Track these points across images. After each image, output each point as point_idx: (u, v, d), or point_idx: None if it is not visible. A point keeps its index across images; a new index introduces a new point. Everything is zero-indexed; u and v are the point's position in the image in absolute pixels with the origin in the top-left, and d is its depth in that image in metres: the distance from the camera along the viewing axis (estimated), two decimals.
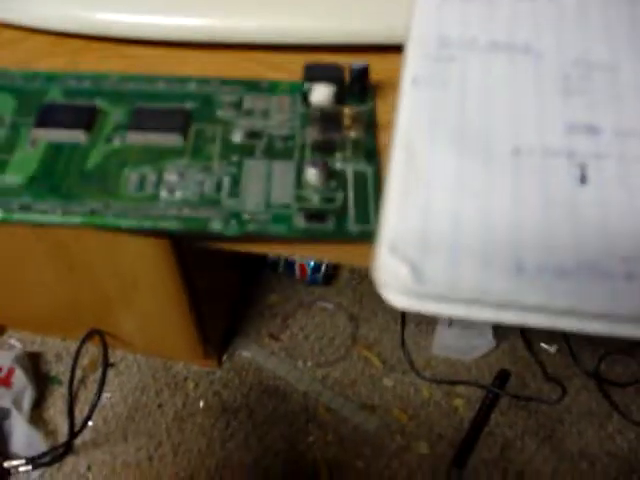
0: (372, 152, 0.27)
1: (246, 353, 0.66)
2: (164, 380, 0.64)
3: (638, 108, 0.25)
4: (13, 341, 0.66)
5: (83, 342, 0.60)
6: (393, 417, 0.63)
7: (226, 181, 0.26)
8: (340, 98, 0.28)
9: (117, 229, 0.25)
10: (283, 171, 0.26)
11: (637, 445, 0.62)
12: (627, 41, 0.27)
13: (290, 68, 0.29)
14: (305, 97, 0.28)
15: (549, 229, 0.23)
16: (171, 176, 0.26)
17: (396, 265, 0.22)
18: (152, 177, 0.26)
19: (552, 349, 0.68)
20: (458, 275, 0.22)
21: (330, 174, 0.26)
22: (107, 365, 0.60)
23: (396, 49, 0.27)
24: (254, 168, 0.26)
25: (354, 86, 0.28)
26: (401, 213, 0.23)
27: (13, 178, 0.26)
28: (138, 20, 0.31)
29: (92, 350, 0.64)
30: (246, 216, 0.25)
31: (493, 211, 0.23)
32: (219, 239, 0.26)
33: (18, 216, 0.25)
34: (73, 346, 0.63)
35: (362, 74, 0.28)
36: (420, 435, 0.62)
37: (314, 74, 0.28)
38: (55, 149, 0.27)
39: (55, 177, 0.26)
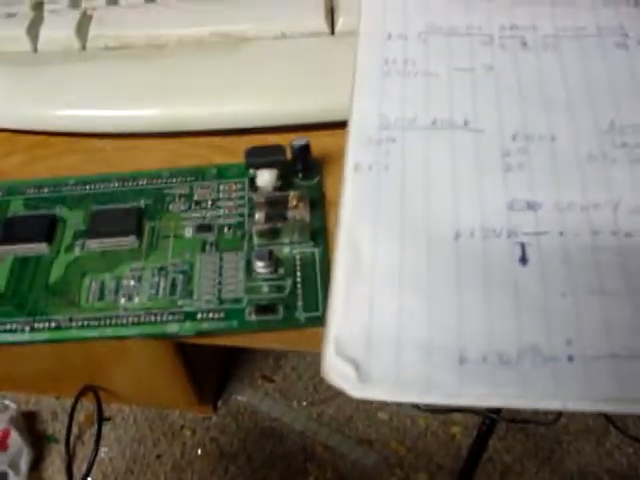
0: (319, 232, 0.27)
1: (241, 397, 0.67)
2: (161, 430, 0.65)
3: (575, 181, 0.26)
4: (7, 402, 0.66)
5: (77, 399, 0.60)
6: (391, 450, 0.63)
7: (180, 280, 0.27)
8: (285, 177, 0.29)
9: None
10: (233, 263, 0.27)
11: (636, 460, 0.63)
12: (564, 106, 0.28)
13: (237, 150, 0.30)
14: (252, 181, 0.29)
15: (491, 314, 0.23)
16: (128, 281, 0.27)
17: (342, 366, 0.22)
18: (111, 284, 0.27)
19: None
20: (402, 372, 0.22)
21: (277, 262, 0.26)
22: (102, 420, 0.61)
23: (342, 124, 0.28)
24: (205, 263, 0.27)
25: (297, 164, 0.29)
26: (345, 312, 0.23)
27: None
28: (89, 114, 0.31)
29: (87, 405, 0.65)
30: (199, 315, 0.26)
31: (435, 301, 0.23)
32: (176, 338, 0.27)
33: None
34: (68, 403, 0.64)
35: (304, 151, 0.29)
36: (419, 466, 0.63)
37: (256, 160, 0.28)
38: (20, 263, 0.28)
39: (21, 294, 0.27)
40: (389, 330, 0.23)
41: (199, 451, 0.63)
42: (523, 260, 0.24)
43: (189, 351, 0.53)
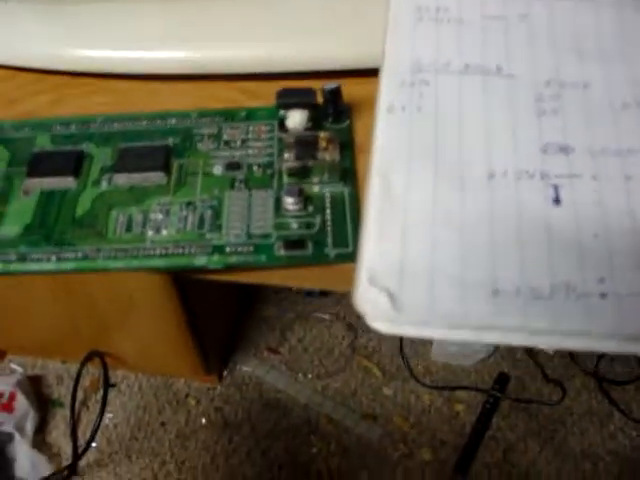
0: (349, 173, 0.27)
1: (246, 368, 0.67)
2: (165, 398, 0.65)
3: (608, 127, 0.26)
4: (14, 365, 0.66)
5: (83, 364, 0.60)
6: (395, 425, 0.63)
7: (208, 215, 0.27)
8: (316, 121, 0.29)
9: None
10: (262, 200, 0.27)
11: (639, 442, 0.63)
12: (597, 57, 0.28)
13: (268, 94, 0.29)
14: (282, 123, 0.29)
15: (524, 251, 0.23)
16: (156, 215, 0.27)
17: (375, 296, 0.22)
18: (139, 217, 0.27)
19: (550, 350, 0.68)
20: (435, 302, 0.22)
21: (307, 199, 0.26)
22: (108, 386, 0.61)
23: (372, 72, 0.28)
24: (234, 200, 0.27)
25: (328, 107, 0.29)
26: (378, 243, 0.23)
27: (10, 229, 0.27)
28: (118, 55, 0.31)
29: (93, 371, 0.65)
30: (228, 249, 0.26)
31: (468, 236, 0.23)
32: (204, 272, 0.26)
33: (15, 267, 0.26)
34: (74, 368, 0.64)
35: (335, 95, 0.28)
36: (423, 442, 0.63)
37: (287, 100, 0.28)
38: (47, 197, 0.28)
39: (48, 225, 0.27)
40: (422, 262, 0.22)
41: (203, 420, 0.63)
42: (556, 201, 0.24)
43: (197, 319, 0.53)
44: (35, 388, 0.64)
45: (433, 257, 0.23)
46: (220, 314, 0.66)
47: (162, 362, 0.62)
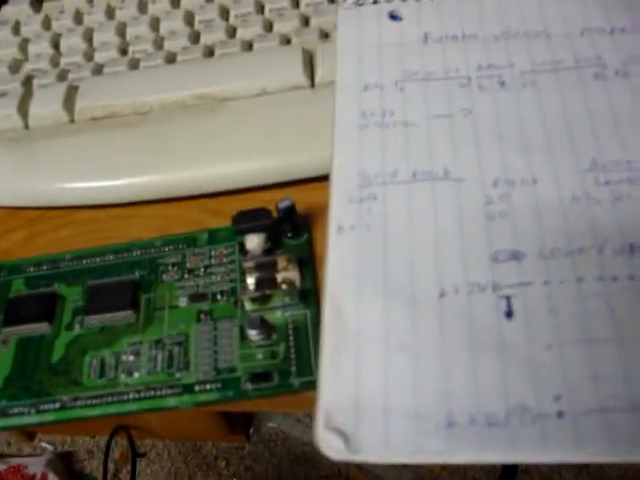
0: (309, 294, 0.28)
1: (271, 424, 0.67)
2: (195, 462, 0.66)
3: (559, 225, 0.25)
4: (44, 444, 0.68)
5: (111, 438, 0.62)
6: (426, 469, 0.63)
7: (176, 352, 0.27)
8: (274, 238, 0.29)
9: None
10: (227, 332, 0.27)
11: None
12: (543, 148, 0.28)
13: (230, 210, 0.30)
14: (242, 245, 0.29)
15: (477, 373, 0.23)
16: (127, 357, 0.28)
17: (331, 439, 0.22)
18: (111, 360, 0.28)
19: None
20: (391, 440, 0.22)
21: (270, 328, 0.27)
22: (136, 456, 0.62)
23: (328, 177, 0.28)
24: (201, 334, 0.28)
25: (284, 224, 0.29)
26: (333, 382, 0.23)
27: None
28: (82, 187, 0.32)
29: (122, 442, 0.66)
30: (197, 388, 0.26)
31: (422, 362, 0.23)
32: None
33: None
34: (103, 441, 0.65)
35: (289, 212, 0.29)
36: None
37: (243, 225, 0.28)
38: (24, 344, 0.29)
39: (27, 375, 0.28)
40: (376, 398, 0.23)
41: None
42: (508, 314, 0.24)
43: None
44: (67, 464, 0.65)
45: (387, 390, 0.23)
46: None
47: (188, 429, 0.63)
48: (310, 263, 0.29)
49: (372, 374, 0.23)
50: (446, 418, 0.22)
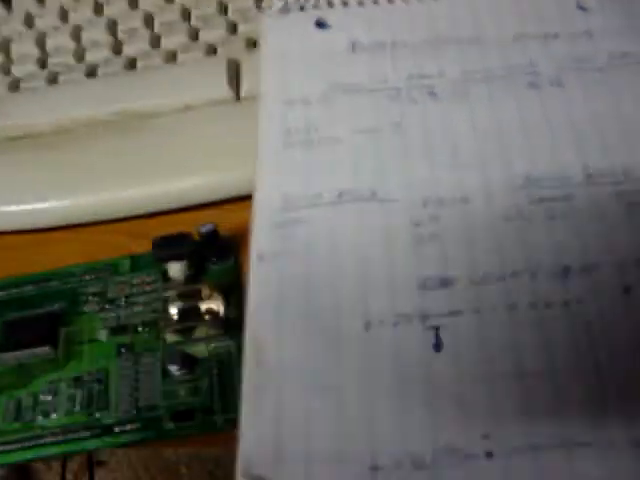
0: (234, 324, 0.26)
1: None
2: (156, 468, 0.64)
3: (490, 247, 0.24)
4: None
5: None
6: None
7: (96, 390, 0.26)
8: (198, 264, 0.28)
9: None
10: (149, 367, 0.26)
11: None
12: (474, 162, 0.26)
13: (152, 234, 0.28)
14: (165, 274, 0.28)
15: (404, 413, 0.22)
16: (45, 397, 0.26)
17: None
18: (28, 401, 0.26)
19: None
20: None
21: (192, 362, 0.26)
22: (93, 465, 0.61)
23: None
24: (121, 370, 0.26)
25: (207, 249, 0.28)
26: (254, 425, 0.22)
27: None
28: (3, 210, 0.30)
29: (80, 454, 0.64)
30: (117, 429, 0.25)
31: (345, 404, 0.22)
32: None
33: None
34: None
35: (212, 236, 0.27)
36: None
37: (163, 253, 0.27)
38: None
39: None
40: (298, 442, 0.22)
41: None
42: (437, 346, 0.23)
43: None
44: (23, 479, 0.64)
45: (309, 433, 0.22)
46: None
47: None
48: (236, 290, 0.27)
49: (293, 417, 0.22)
50: (370, 462, 0.21)
